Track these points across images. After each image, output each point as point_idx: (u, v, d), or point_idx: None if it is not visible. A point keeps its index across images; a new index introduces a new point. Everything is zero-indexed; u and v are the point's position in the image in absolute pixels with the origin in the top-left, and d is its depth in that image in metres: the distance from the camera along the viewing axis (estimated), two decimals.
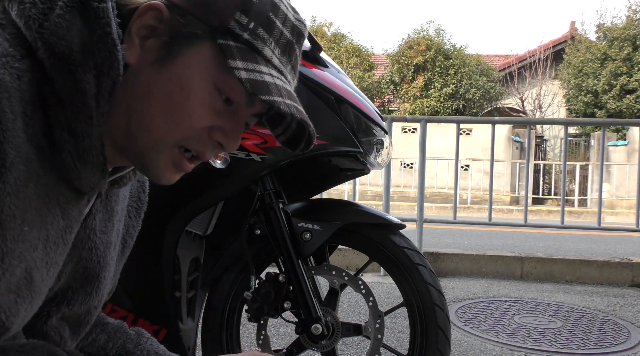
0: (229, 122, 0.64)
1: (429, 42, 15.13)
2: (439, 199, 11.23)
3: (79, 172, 0.59)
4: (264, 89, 0.60)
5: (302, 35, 0.68)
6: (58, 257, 0.61)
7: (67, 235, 0.62)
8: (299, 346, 1.42)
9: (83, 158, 0.58)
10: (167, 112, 0.61)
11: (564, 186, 4.07)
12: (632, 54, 14.26)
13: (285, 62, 0.66)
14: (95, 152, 0.59)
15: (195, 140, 0.63)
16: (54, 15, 0.56)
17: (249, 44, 0.61)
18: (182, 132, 0.62)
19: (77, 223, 0.64)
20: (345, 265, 3.57)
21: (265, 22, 0.62)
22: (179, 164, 0.64)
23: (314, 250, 1.37)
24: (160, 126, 0.61)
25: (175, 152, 0.63)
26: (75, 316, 0.74)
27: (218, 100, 0.62)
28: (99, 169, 0.61)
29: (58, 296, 0.69)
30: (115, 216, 0.76)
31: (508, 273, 3.77)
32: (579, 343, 2.39)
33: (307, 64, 1.36)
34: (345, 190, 9.99)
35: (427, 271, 1.40)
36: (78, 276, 0.70)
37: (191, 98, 0.61)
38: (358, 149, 1.35)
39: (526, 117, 15.74)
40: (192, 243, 1.45)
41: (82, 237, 0.68)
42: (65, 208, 0.60)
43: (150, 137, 0.62)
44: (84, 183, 0.61)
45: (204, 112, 0.62)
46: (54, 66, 0.55)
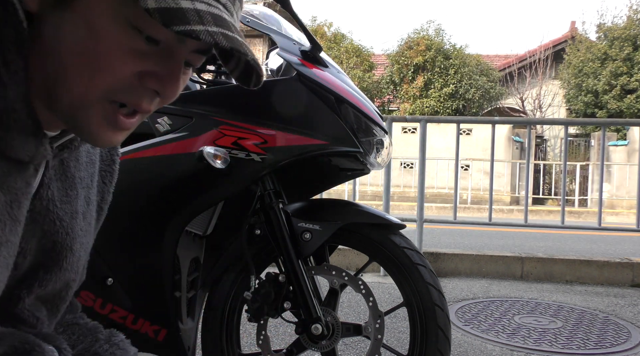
0: (160, 64, 0.55)
1: (428, 42, 15.13)
2: (439, 199, 11.23)
3: (4, 140, 0.52)
4: (179, 17, 0.49)
5: None
6: (8, 235, 0.56)
7: (13, 210, 0.55)
8: (299, 346, 1.42)
9: (3, 124, 0.51)
10: (80, 62, 0.52)
11: (564, 186, 4.06)
12: (633, 54, 14.26)
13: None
14: (17, 116, 0.52)
15: (124, 91, 0.54)
16: None
17: None
18: (104, 83, 0.53)
19: (26, 195, 0.58)
20: (345, 265, 3.56)
21: None
22: (113, 120, 0.56)
23: (314, 250, 1.37)
24: (77, 80, 0.53)
25: (106, 107, 0.55)
26: (51, 295, 0.69)
27: (139, 40, 0.53)
28: (30, 135, 0.54)
29: (28, 277, 0.64)
30: (78, 183, 0.69)
31: (508, 273, 3.77)
32: (579, 344, 2.39)
33: (307, 64, 1.36)
34: (345, 190, 9.99)
35: (427, 271, 1.40)
36: (47, 252, 0.65)
37: (103, 42, 0.51)
38: (358, 149, 1.35)
39: (526, 117, 15.74)
40: (192, 243, 1.45)
41: (40, 210, 0.62)
42: (3, 181, 0.54)
43: (72, 94, 0.53)
44: (18, 152, 0.54)
45: (123, 56, 0.52)
46: None
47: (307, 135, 1.31)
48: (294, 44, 1.40)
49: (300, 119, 1.32)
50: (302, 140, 1.31)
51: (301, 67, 1.34)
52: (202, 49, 0.58)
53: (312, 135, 1.31)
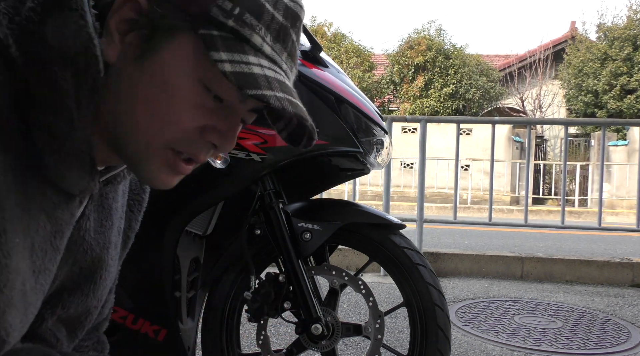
0: (222, 121, 0.59)
1: (429, 42, 15.13)
2: (439, 199, 11.23)
3: (63, 175, 0.55)
4: (251, 82, 0.54)
5: (297, 17, 0.61)
6: (47, 263, 0.58)
7: (56, 240, 0.58)
8: (299, 346, 1.42)
9: (67, 162, 0.55)
10: (151, 113, 0.56)
11: (564, 186, 4.06)
12: (633, 54, 14.26)
13: (280, 50, 0.59)
14: (80, 155, 0.55)
15: (186, 142, 0.58)
16: (24, 8, 0.51)
17: (235, 32, 0.55)
18: (170, 134, 0.57)
19: (69, 226, 0.61)
20: (345, 265, 3.56)
21: (252, 5, 0.56)
22: (173, 166, 0.60)
23: (314, 250, 1.37)
24: (146, 129, 0.57)
25: (168, 154, 0.59)
26: (72, 318, 0.71)
27: (206, 97, 0.57)
28: (86, 171, 0.57)
29: (53, 299, 0.67)
30: (114, 214, 0.72)
31: (508, 273, 3.77)
32: (579, 344, 2.39)
33: (307, 64, 1.36)
34: (345, 190, 9.99)
35: (427, 271, 1.40)
36: (74, 277, 0.68)
37: (175, 97, 0.56)
38: (358, 149, 1.35)
39: (526, 117, 15.74)
40: (192, 243, 1.45)
41: (76, 239, 0.65)
42: (52, 213, 0.57)
43: (138, 141, 0.57)
44: (71, 186, 0.57)
45: (191, 111, 0.57)
46: (27, 64, 0.51)
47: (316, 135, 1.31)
48: None
49: None
50: None
51: (301, 67, 1.34)
52: (257, 108, 0.62)
53: None
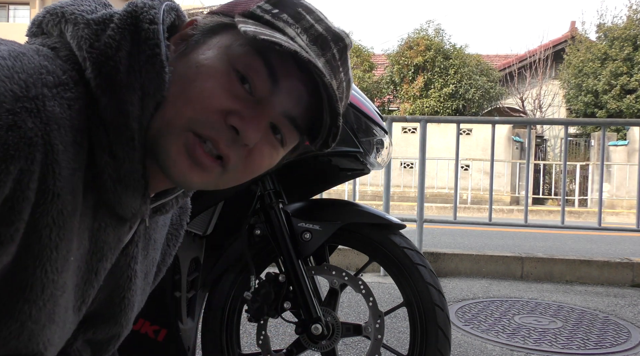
0: (249, 110, 0.59)
1: (428, 42, 15.13)
2: (439, 199, 11.23)
3: (119, 197, 0.57)
4: (268, 34, 0.56)
5: (341, 39, 0.63)
6: (79, 280, 0.59)
7: (92, 260, 0.59)
8: (299, 346, 1.42)
9: (124, 182, 0.56)
10: (179, 90, 0.58)
11: (564, 186, 4.06)
12: (633, 54, 14.26)
13: (317, 53, 0.60)
14: (136, 177, 0.57)
15: (208, 124, 0.57)
16: (105, 35, 0.56)
17: (270, 23, 0.59)
18: (193, 110, 0.57)
19: (114, 251, 0.62)
20: (345, 265, 3.56)
21: (293, 12, 0.60)
22: (192, 151, 0.57)
23: (314, 250, 1.37)
24: (171, 107, 0.58)
25: (188, 136, 0.57)
26: (99, 342, 0.72)
27: (238, 86, 0.58)
28: (140, 193, 0.58)
29: (87, 322, 0.68)
30: (152, 244, 0.74)
31: (508, 273, 3.77)
32: (579, 344, 2.39)
33: None
34: (345, 190, 9.99)
35: (427, 271, 1.40)
36: (111, 303, 0.69)
37: (206, 76, 0.57)
38: (358, 149, 1.35)
39: (526, 117, 15.74)
40: (192, 243, 1.45)
41: (122, 265, 0.66)
42: (96, 233, 0.58)
43: (163, 119, 0.58)
44: (125, 209, 0.59)
45: (219, 92, 0.57)
46: (100, 86, 0.54)
47: None
48: None
49: None
50: None
51: None
52: (291, 112, 0.61)
53: None
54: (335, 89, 0.60)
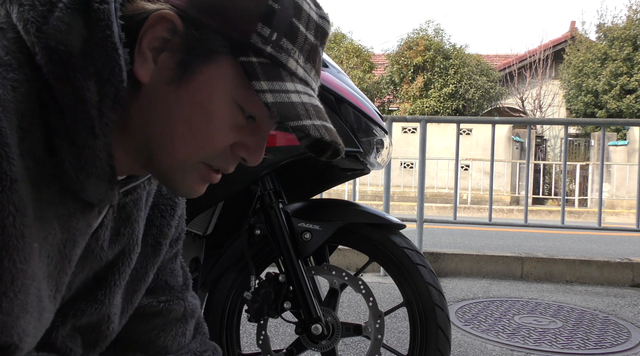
0: (251, 136, 0.62)
1: (427, 42, 15.13)
2: (439, 199, 11.23)
3: (82, 184, 0.56)
4: (292, 113, 0.56)
5: (325, 34, 0.63)
6: (53, 270, 0.58)
7: (66, 249, 0.58)
8: (299, 346, 1.42)
9: (85, 170, 0.55)
10: (189, 134, 0.58)
11: (564, 186, 4.06)
12: (633, 54, 14.26)
13: (310, 69, 0.62)
14: (100, 164, 0.56)
15: (218, 158, 0.61)
16: (53, 17, 0.52)
17: (273, 57, 0.57)
18: (205, 153, 0.60)
19: (84, 236, 0.61)
20: (345, 265, 3.56)
21: (288, 30, 0.58)
22: (207, 178, 0.63)
23: (314, 250, 1.37)
24: (182, 149, 0.59)
25: (201, 168, 0.61)
26: (89, 326, 0.71)
27: (240, 117, 0.60)
28: (105, 181, 0.57)
29: (66, 306, 0.67)
30: (136, 222, 0.72)
31: (508, 273, 3.77)
32: (579, 344, 2.39)
33: None
34: (345, 190, 9.99)
35: (427, 271, 1.40)
36: (88, 284, 0.68)
37: (213, 120, 0.58)
38: (358, 149, 1.35)
39: (526, 117, 15.74)
40: (192, 243, 1.45)
41: (94, 248, 0.65)
42: (66, 221, 0.57)
43: (174, 159, 0.60)
44: (90, 195, 0.58)
45: (226, 131, 0.60)
46: (52, 72, 0.52)
47: None
48: None
49: None
50: None
51: None
52: None
53: None
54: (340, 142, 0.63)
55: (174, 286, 0.86)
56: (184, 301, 0.87)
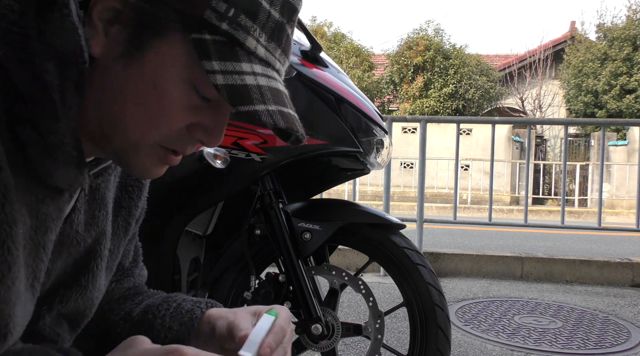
0: (209, 118, 0.58)
1: (427, 42, 15.14)
2: (439, 199, 11.23)
3: (49, 170, 0.54)
4: (244, 96, 0.53)
5: (295, 11, 0.58)
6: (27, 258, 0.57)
7: (37, 235, 0.57)
8: (299, 346, 1.42)
9: (52, 156, 0.53)
10: (140, 114, 0.55)
11: (564, 186, 4.06)
12: (632, 54, 14.26)
13: (274, 48, 0.57)
14: (65, 148, 0.54)
15: (175, 139, 0.58)
16: None
17: (229, 35, 0.53)
18: (159, 134, 0.57)
19: (57, 221, 0.60)
20: (345, 265, 3.56)
21: (248, 5, 0.53)
22: (164, 160, 0.60)
23: (314, 250, 1.37)
24: (135, 129, 0.56)
25: (158, 150, 0.59)
26: (75, 312, 0.70)
27: (195, 97, 0.56)
28: (73, 165, 0.55)
29: (49, 294, 0.65)
30: (108, 203, 0.71)
31: (508, 273, 3.77)
32: (579, 344, 2.39)
33: (307, 64, 1.36)
34: (345, 190, 9.99)
35: (427, 272, 1.40)
36: (69, 270, 0.67)
37: (166, 99, 0.55)
38: (358, 149, 1.35)
39: (526, 117, 15.74)
40: (192, 243, 1.45)
41: (69, 233, 0.64)
42: (34, 207, 0.55)
43: (127, 139, 0.57)
44: (59, 180, 0.56)
45: (180, 112, 0.56)
46: (7, 56, 0.49)
47: (307, 135, 1.31)
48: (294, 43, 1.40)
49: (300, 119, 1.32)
50: None
51: (301, 67, 1.34)
52: None
53: (312, 135, 1.31)
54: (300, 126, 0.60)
55: (125, 265, 0.85)
56: (133, 277, 0.86)
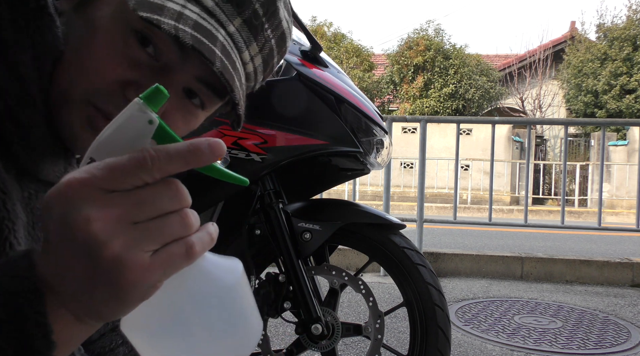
0: (150, 79, 0.51)
1: (427, 42, 15.14)
2: (439, 199, 11.23)
3: (36, 164, 0.52)
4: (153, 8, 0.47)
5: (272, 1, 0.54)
6: None
7: (35, 230, 0.55)
8: (299, 346, 1.42)
9: (37, 150, 0.52)
10: (76, 60, 0.51)
11: (564, 186, 4.07)
12: (632, 54, 14.27)
13: (230, 12, 0.52)
14: (50, 141, 0.52)
15: (106, 96, 0.51)
16: None
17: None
18: (89, 82, 0.51)
19: None
20: (345, 265, 3.56)
21: None
22: (93, 122, 0.52)
23: (314, 250, 1.37)
24: (65, 74, 0.51)
25: (90, 110, 0.52)
26: None
27: (136, 49, 0.50)
28: (59, 157, 0.54)
29: None
30: None
31: (508, 273, 3.77)
32: (579, 344, 2.39)
33: (307, 64, 1.36)
34: (345, 190, 9.99)
35: (427, 271, 1.40)
36: None
37: (99, 39, 0.50)
38: (358, 149, 1.35)
39: (526, 117, 15.74)
40: None
41: None
42: (27, 203, 0.54)
43: (58, 89, 0.52)
44: (48, 175, 0.54)
45: (114, 59, 0.50)
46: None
47: (307, 135, 1.31)
48: (293, 43, 1.40)
49: (300, 119, 1.32)
50: (302, 140, 1.31)
51: (301, 67, 1.34)
52: (206, 77, 0.53)
53: (312, 135, 1.31)
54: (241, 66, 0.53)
55: None
56: None
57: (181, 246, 0.37)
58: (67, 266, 0.36)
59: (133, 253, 0.35)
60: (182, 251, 0.37)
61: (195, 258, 0.38)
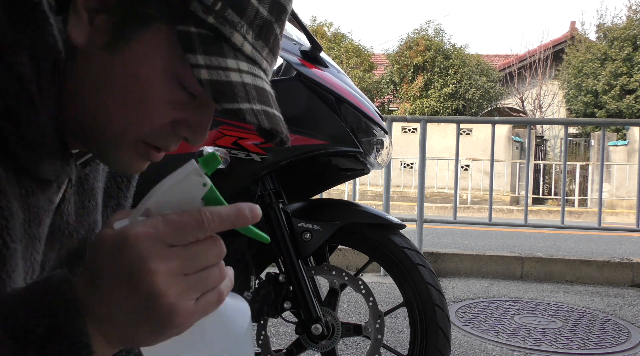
0: (194, 114, 0.56)
1: (427, 43, 15.15)
2: (439, 199, 11.23)
3: (34, 163, 0.53)
4: (229, 93, 0.50)
5: (284, 10, 0.57)
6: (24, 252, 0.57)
7: (32, 228, 0.56)
8: (299, 346, 1.42)
9: (36, 149, 0.52)
10: (122, 108, 0.53)
11: (564, 186, 4.07)
12: (632, 54, 14.27)
13: (261, 47, 0.55)
14: (47, 139, 0.53)
15: (158, 136, 0.55)
16: None
17: (215, 29, 0.51)
18: (142, 129, 0.54)
19: (48, 213, 0.59)
20: (345, 265, 3.56)
21: (235, 0, 0.51)
22: (145, 156, 0.57)
23: (314, 250, 1.37)
24: (116, 123, 0.54)
25: (140, 146, 0.56)
26: None
27: (180, 93, 0.54)
28: (57, 156, 0.55)
29: None
30: (98, 194, 0.70)
31: (508, 273, 3.77)
32: (579, 344, 2.39)
33: (307, 64, 1.36)
34: (345, 190, 9.99)
35: (427, 271, 1.40)
36: (63, 261, 0.67)
37: (149, 93, 0.52)
38: (358, 149, 1.35)
39: (526, 117, 15.74)
40: None
41: (60, 224, 0.63)
42: (25, 200, 0.55)
43: (107, 133, 0.54)
44: (45, 173, 0.55)
45: (164, 107, 0.53)
46: None
47: (307, 135, 1.31)
48: (293, 43, 1.40)
49: (301, 119, 1.32)
50: (303, 140, 1.31)
51: (301, 67, 1.34)
52: None
53: (313, 135, 1.31)
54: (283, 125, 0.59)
55: None
56: None
57: (215, 294, 0.46)
58: (119, 304, 0.42)
59: (184, 302, 0.43)
60: (215, 299, 0.46)
61: (221, 303, 0.47)
